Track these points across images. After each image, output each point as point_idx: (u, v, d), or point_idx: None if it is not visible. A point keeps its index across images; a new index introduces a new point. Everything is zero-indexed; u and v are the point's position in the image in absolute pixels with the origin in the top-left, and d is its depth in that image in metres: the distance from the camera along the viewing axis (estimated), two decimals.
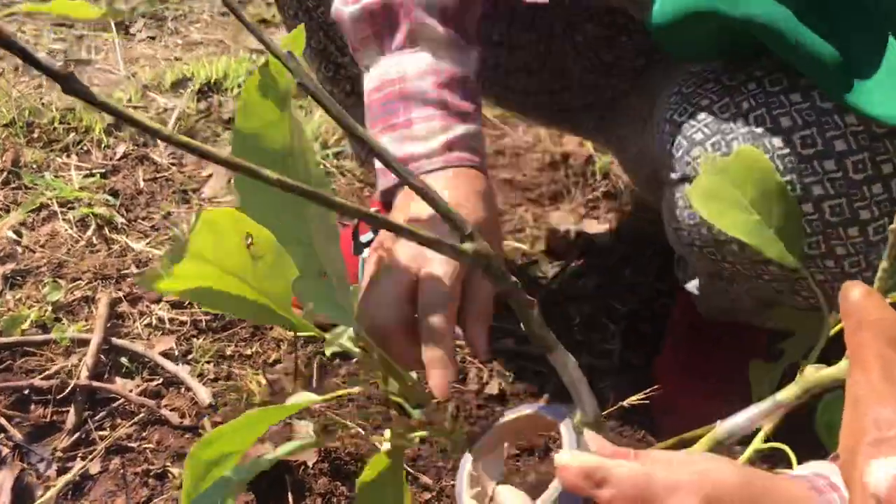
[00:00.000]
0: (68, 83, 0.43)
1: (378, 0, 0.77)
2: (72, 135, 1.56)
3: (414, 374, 0.70)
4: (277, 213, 0.60)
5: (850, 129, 0.68)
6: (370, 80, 0.79)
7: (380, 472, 0.77)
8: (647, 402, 1.05)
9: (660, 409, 1.03)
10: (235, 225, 0.54)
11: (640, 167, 1.10)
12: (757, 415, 0.63)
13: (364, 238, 1.09)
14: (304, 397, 0.69)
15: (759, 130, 0.71)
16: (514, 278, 0.60)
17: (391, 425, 1.03)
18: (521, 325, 0.64)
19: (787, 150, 0.69)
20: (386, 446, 0.96)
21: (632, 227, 1.38)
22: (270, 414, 0.65)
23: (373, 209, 1.09)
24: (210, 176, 1.49)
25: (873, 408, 0.46)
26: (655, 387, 1.06)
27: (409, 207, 0.72)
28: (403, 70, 0.76)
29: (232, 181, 1.46)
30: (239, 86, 1.78)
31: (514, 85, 1.11)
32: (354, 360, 1.11)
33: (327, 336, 0.71)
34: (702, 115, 0.76)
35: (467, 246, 0.58)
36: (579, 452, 0.55)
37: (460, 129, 0.74)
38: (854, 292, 0.53)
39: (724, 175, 0.65)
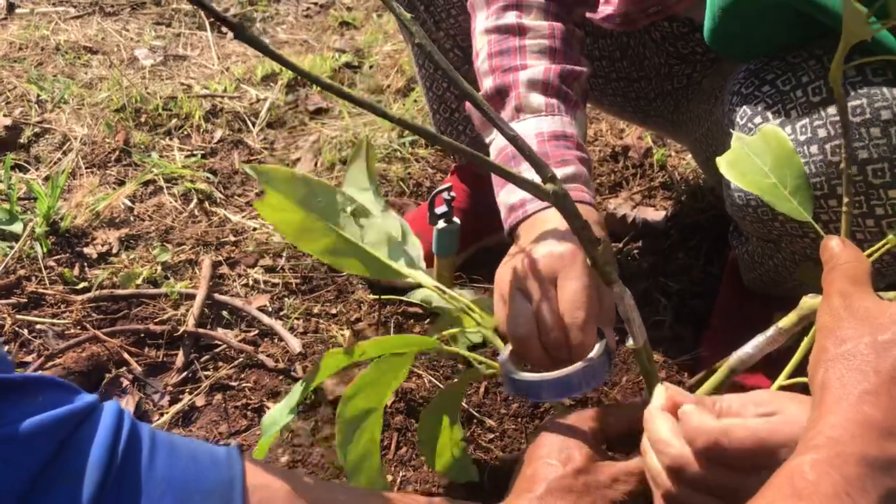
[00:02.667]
0: (238, 31, 0.56)
1: (493, 86, 0.94)
2: (174, 120, 1.73)
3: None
4: None
5: (895, 101, 0.77)
6: (493, 149, 0.94)
7: (439, 402, 0.90)
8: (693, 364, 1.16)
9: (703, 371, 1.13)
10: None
11: (706, 146, 1.20)
12: (763, 342, 0.74)
13: (438, 210, 1.21)
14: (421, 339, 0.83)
15: (816, 100, 0.81)
16: (584, 218, 0.72)
17: (458, 376, 1.16)
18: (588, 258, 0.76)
19: (838, 118, 0.78)
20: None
21: (685, 216, 1.48)
22: (402, 361, 0.80)
23: (447, 185, 1.22)
24: (298, 160, 1.64)
25: (833, 330, 0.56)
26: (702, 350, 1.16)
27: (532, 230, 0.84)
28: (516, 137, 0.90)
29: (318, 163, 1.61)
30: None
31: (597, 70, 1.23)
32: (427, 319, 1.23)
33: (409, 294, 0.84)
34: (766, 88, 0.86)
35: (548, 186, 0.71)
36: (700, 409, 0.63)
37: (560, 172, 0.86)
38: (832, 243, 0.64)
39: (748, 147, 0.76)
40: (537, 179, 0.88)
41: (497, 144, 0.93)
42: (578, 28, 1.00)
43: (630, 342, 0.76)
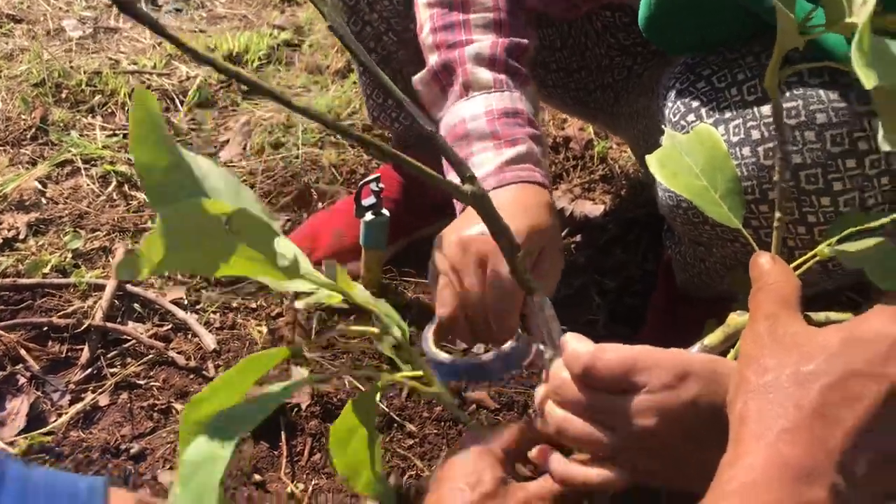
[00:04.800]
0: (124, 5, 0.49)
1: (439, 62, 0.90)
2: (97, 97, 1.64)
3: None
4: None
5: (832, 105, 0.73)
6: (443, 128, 0.90)
7: (351, 419, 0.84)
8: None
9: None
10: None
11: (644, 142, 1.16)
12: (714, 343, 0.70)
13: (366, 202, 1.15)
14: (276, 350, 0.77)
15: (750, 99, 0.77)
16: (505, 222, 0.67)
17: (370, 385, 1.10)
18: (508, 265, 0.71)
19: (771, 119, 0.74)
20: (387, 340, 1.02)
21: (624, 210, 1.44)
22: (261, 361, 0.73)
23: (375, 175, 1.16)
24: (226, 142, 1.56)
25: (755, 359, 0.53)
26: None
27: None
28: (461, 115, 0.87)
29: (247, 146, 1.54)
30: (259, 59, 1.85)
31: (536, 59, 1.18)
32: (352, 315, 1.18)
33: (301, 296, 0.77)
34: (701, 84, 0.81)
35: (466, 187, 0.66)
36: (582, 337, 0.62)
37: (510, 152, 0.84)
38: (762, 260, 0.60)
39: (680, 146, 0.71)
40: (490, 160, 0.84)
41: (447, 122, 0.89)
42: None
43: (548, 354, 0.72)
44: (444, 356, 0.80)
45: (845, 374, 0.49)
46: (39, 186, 1.37)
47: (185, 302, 1.20)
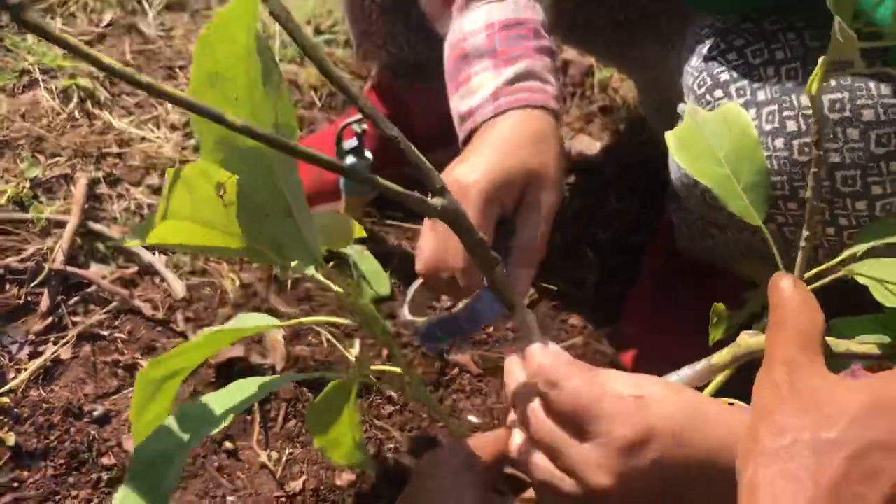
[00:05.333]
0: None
1: None
2: None
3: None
4: (239, 150, 0.58)
5: (881, 100, 0.65)
6: (446, 49, 0.81)
7: (330, 394, 0.79)
8: (615, 333, 1.08)
9: (625, 344, 1.05)
10: (207, 178, 0.53)
11: (655, 92, 1.07)
12: (690, 375, 0.65)
13: (347, 144, 1.07)
14: (260, 320, 0.70)
15: (790, 85, 0.68)
16: (482, 235, 0.60)
17: (359, 334, 1.05)
18: (486, 280, 0.65)
19: (810, 112, 0.67)
20: (354, 351, 0.97)
21: (622, 149, 1.36)
22: (223, 335, 0.66)
23: (357, 116, 1.07)
24: None
25: (771, 414, 0.47)
26: (624, 326, 1.08)
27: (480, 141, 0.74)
28: (462, 31, 0.78)
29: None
30: None
31: None
32: (330, 262, 1.11)
33: (293, 265, 0.70)
34: (732, 56, 0.73)
35: (435, 201, 0.58)
36: (551, 350, 0.57)
37: (509, 71, 0.74)
38: (784, 283, 0.53)
39: (704, 126, 0.64)
40: (488, 83, 0.75)
41: (450, 40, 0.81)
42: None
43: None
44: (418, 320, 0.76)
45: (868, 445, 0.44)
46: None
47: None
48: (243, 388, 0.64)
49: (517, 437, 0.59)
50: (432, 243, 0.73)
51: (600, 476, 0.51)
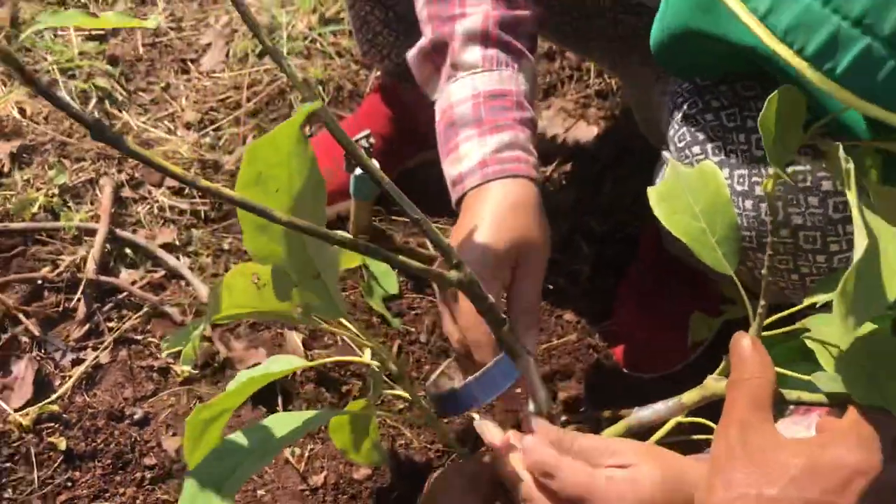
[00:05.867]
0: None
1: (429, 39, 0.85)
2: None
3: None
4: (276, 232, 0.66)
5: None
6: (437, 112, 0.86)
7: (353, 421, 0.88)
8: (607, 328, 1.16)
9: (616, 339, 1.14)
10: (246, 275, 0.62)
11: (644, 109, 1.12)
12: (663, 410, 0.74)
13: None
14: (290, 363, 0.80)
15: (759, 154, 0.75)
16: (491, 298, 0.68)
17: (373, 332, 1.14)
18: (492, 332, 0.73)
19: (778, 181, 0.73)
20: (367, 353, 1.06)
21: (618, 134, 1.42)
22: (257, 381, 0.76)
23: (365, 132, 1.13)
24: (209, 45, 1.50)
25: (723, 470, 0.57)
26: (610, 324, 1.16)
27: (472, 208, 0.79)
28: (450, 99, 0.83)
29: (229, 53, 1.47)
30: None
31: None
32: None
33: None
34: (709, 116, 0.78)
35: (452, 274, 0.66)
36: (540, 433, 0.67)
37: (493, 141, 0.79)
38: (744, 343, 0.62)
39: (683, 180, 0.71)
40: (474, 151, 0.82)
41: (440, 106, 0.86)
42: None
43: (532, 407, 0.75)
44: (432, 391, 0.80)
45: (803, 502, 0.54)
46: (17, 114, 1.32)
47: (176, 243, 1.21)
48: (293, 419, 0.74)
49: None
50: (450, 324, 0.79)
51: None
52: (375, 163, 1.17)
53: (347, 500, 0.99)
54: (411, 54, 0.91)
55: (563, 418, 1.04)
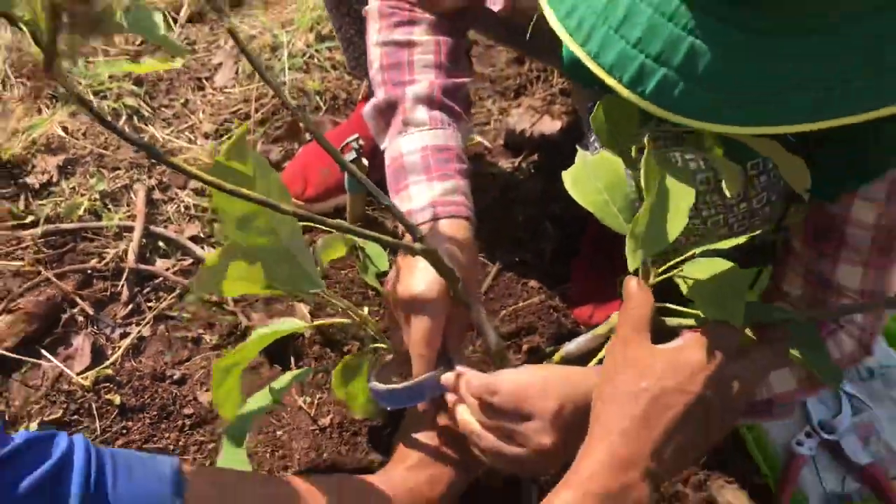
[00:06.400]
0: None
1: (383, 99, 1.05)
2: None
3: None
4: (256, 227, 0.88)
5: (700, 159, 0.93)
6: (387, 157, 1.05)
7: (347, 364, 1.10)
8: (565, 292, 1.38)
9: (573, 300, 1.35)
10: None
11: (582, 111, 1.33)
12: (583, 342, 0.95)
13: (348, 157, 1.35)
14: (294, 324, 1.02)
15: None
16: (453, 274, 0.89)
17: (368, 303, 1.36)
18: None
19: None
20: (364, 312, 1.25)
21: (581, 127, 1.63)
22: (267, 337, 0.98)
23: (354, 136, 1.34)
24: (220, 65, 1.72)
25: (610, 373, 0.77)
26: (570, 285, 1.38)
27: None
28: (401, 149, 1.03)
29: (238, 70, 1.69)
30: None
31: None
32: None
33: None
34: None
35: (417, 245, 0.87)
36: (476, 375, 0.88)
37: (440, 186, 1.00)
38: (631, 283, 0.83)
39: (588, 166, 0.92)
40: (423, 193, 1.03)
41: (389, 153, 1.06)
42: (464, 36, 1.11)
43: (493, 344, 0.97)
44: (378, 386, 0.99)
45: (664, 391, 0.75)
46: (61, 132, 1.55)
47: (201, 235, 1.43)
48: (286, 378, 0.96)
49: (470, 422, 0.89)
50: (394, 336, 1.01)
51: (543, 438, 0.82)
52: (365, 161, 1.40)
53: (350, 437, 1.21)
54: (366, 110, 1.09)
55: (524, 361, 1.26)
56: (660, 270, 0.90)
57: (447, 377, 0.93)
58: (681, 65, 0.63)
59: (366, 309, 1.35)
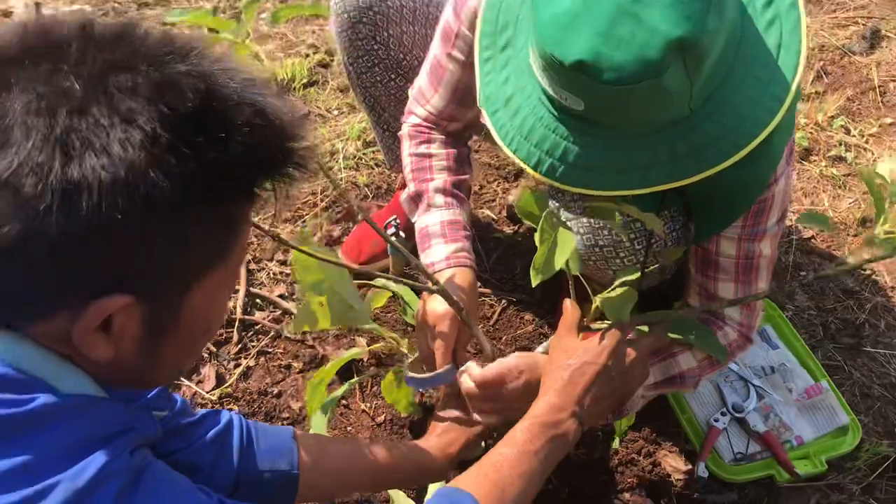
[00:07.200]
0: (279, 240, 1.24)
1: (413, 191, 1.59)
2: None
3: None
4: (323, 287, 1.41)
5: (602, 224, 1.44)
6: (416, 228, 1.58)
7: (391, 377, 1.62)
8: (551, 323, 1.88)
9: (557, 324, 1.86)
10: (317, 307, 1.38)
11: None
12: (544, 346, 1.45)
13: (389, 231, 1.89)
14: (357, 350, 1.55)
15: (579, 212, 1.48)
16: (461, 306, 1.41)
17: (406, 335, 1.88)
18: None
19: (586, 223, 1.45)
20: (404, 344, 1.75)
21: None
22: (342, 361, 1.51)
23: (393, 217, 1.88)
24: None
25: (552, 357, 1.28)
26: (554, 317, 1.89)
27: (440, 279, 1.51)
28: (426, 223, 1.56)
29: None
30: (303, 84, 2.54)
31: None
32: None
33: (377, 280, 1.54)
34: (555, 198, 1.53)
35: (434, 287, 1.40)
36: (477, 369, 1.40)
37: (453, 247, 1.52)
38: (567, 302, 1.34)
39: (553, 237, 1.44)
40: (441, 250, 1.56)
41: (418, 225, 1.59)
42: (466, 145, 1.65)
43: (487, 350, 1.48)
44: (412, 376, 1.49)
45: (581, 363, 1.25)
46: None
47: (286, 294, 1.97)
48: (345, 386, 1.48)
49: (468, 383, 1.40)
50: (422, 343, 1.50)
51: (516, 402, 1.30)
52: (402, 233, 1.95)
53: (398, 428, 1.72)
54: (403, 198, 1.64)
55: None
56: (602, 299, 1.41)
57: (461, 370, 1.44)
58: (560, 156, 1.15)
59: (405, 341, 1.87)
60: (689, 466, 1.64)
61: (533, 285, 1.16)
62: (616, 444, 1.66)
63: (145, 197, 0.72)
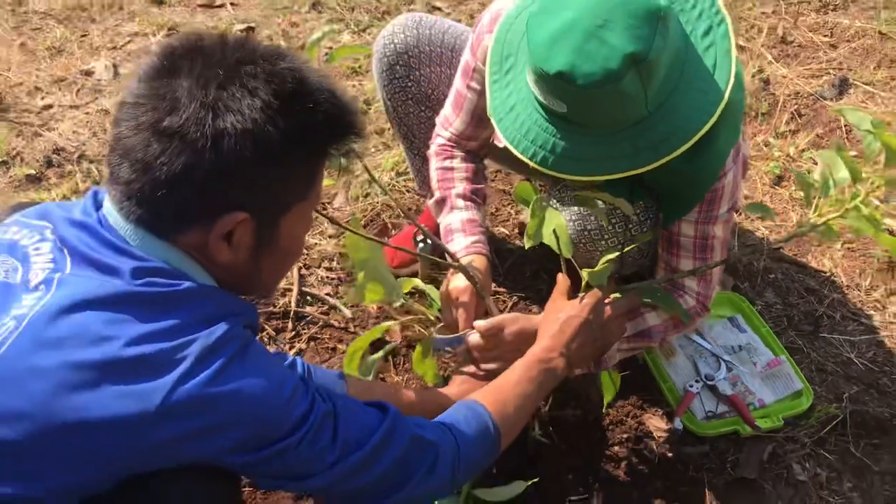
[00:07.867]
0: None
1: (439, 196, 1.99)
2: None
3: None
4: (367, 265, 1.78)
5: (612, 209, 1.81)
6: (441, 226, 1.98)
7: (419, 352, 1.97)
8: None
9: None
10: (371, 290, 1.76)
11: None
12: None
13: (418, 240, 2.27)
14: (386, 324, 1.91)
15: (567, 204, 1.85)
16: (476, 280, 1.78)
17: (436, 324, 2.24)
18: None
19: (576, 211, 1.82)
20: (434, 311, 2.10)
21: None
22: (373, 332, 1.87)
23: (422, 236, 2.27)
24: (336, 194, 2.68)
25: (546, 311, 1.64)
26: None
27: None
28: (449, 221, 1.95)
29: (348, 196, 2.66)
30: None
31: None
32: (415, 295, 2.31)
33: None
34: (550, 191, 1.90)
35: (457, 264, 1.77)
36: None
37: (471, 239, 1.90)
38: (560, 276, 1.70)
39: (545, 221, 1.80)
40: (462, 241, 1.93)
41: (443, 223, 1.98)
42: (481, 161, 2.04)
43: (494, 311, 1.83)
44: (438, 337, 1.86)
45: (568, 316, 1.62)
46: None
47: (332, 293, 2.35)
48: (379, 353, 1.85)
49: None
50: (447, 312, 1.88)
51: (511, 352, 1.67)
52: (429, 241, 2.34)
53: None
54: (430, 203, 2.03)
55: None
56: (587, 271, 1.77)
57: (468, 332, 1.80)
58: (550, 149, 1.52)
59: (432, 309, 2.23)
60: (670, 426, 1.97)
61: (526, 247, 1.53)
62: (605, 408, 2.00)
63: (263, 143, 1.11)
